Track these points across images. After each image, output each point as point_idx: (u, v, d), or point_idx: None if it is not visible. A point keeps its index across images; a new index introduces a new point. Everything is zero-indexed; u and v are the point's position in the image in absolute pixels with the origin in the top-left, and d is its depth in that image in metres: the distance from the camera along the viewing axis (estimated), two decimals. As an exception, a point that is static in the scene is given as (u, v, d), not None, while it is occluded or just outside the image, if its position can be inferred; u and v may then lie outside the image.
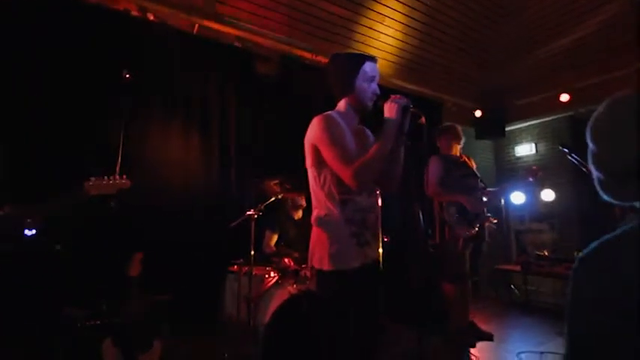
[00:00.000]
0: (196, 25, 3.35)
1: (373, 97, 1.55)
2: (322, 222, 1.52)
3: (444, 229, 3.07)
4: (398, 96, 1.51)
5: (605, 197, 0.75)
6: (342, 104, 1.59)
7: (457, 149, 3.22)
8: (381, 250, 1.59)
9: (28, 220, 2.11)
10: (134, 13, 3.10)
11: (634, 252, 0.63)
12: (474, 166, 3.30)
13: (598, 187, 0.76)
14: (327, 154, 1.44)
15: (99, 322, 1.99)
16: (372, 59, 1.56)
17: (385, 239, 1.77)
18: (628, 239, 0.66)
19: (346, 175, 1.40)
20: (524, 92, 5.19)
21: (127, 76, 2.42)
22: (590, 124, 0.76)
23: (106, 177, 1.78)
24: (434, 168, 3.08)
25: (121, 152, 2.53)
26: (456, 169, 3.10)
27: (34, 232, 2.14)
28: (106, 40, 2.89)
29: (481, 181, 3.21)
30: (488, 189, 3.19)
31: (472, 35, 4.16)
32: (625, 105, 0.72)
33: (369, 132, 1.71)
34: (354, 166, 1.39)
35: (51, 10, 2.69)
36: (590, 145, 0.75)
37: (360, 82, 1.53)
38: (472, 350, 2.99)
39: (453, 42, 4.14)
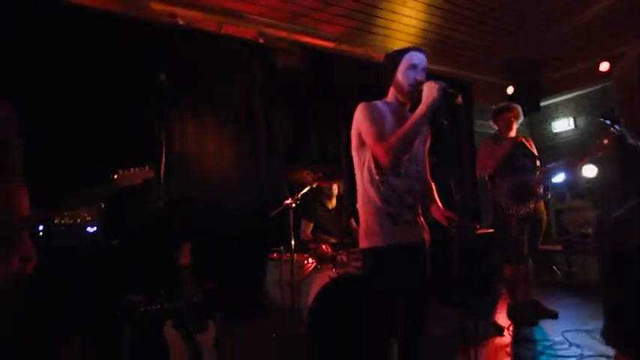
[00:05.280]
0: (222, 26, 3.48)
1: (414, 84, 1.57)
2: (363, 203, 1.60)
3: (498, 210, 3.08)
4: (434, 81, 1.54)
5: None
6: (389, 94, 1.68)
7: (514, 129, 3.21)
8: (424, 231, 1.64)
9: (88, 218, 2.33)
10: (165, 19, 3.25)
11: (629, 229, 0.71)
12: (534, 148, 3.27)
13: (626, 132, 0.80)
14: (365, 133, 1.54)
15: (158, 307, 2.17)
16: (417, 50, 1.62)
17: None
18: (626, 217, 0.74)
19: (380, 150, 1.48)
20: (560, 64, 4.90)
21: (163, 78, 2.55)
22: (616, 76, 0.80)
23: (132, 168, 1.87)
24: (483, 150, 3.18)
25: (164, 151, 2.66)
26: (511, 149, 3.09)
27: (95, 229, 2.35)
28: (142, 46, 3.10)
29: (539, 160, 3.20)
30: (545, 166, 3.13)
31: (499, 8, 3.92)
32: None
33: None
34: (388, 142, 1.47)
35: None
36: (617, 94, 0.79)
37: (401, 70, 1.59)
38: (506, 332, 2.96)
39: (478, 17, 3.94)
